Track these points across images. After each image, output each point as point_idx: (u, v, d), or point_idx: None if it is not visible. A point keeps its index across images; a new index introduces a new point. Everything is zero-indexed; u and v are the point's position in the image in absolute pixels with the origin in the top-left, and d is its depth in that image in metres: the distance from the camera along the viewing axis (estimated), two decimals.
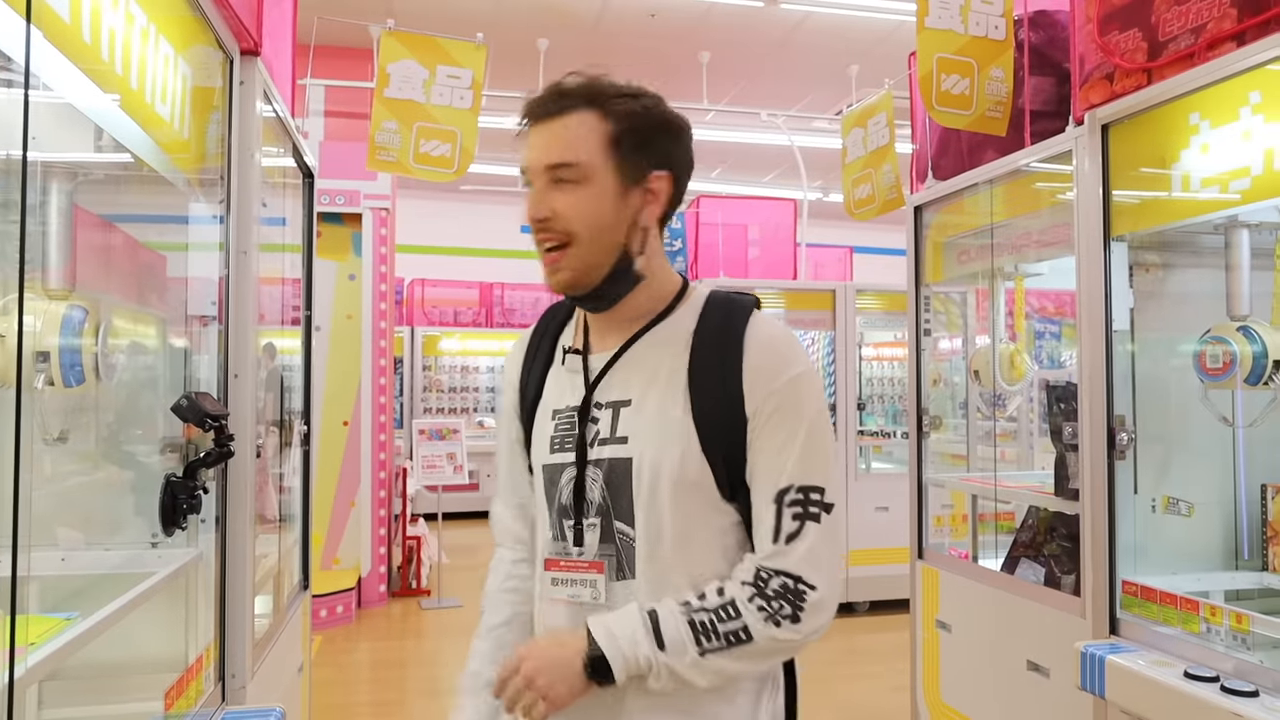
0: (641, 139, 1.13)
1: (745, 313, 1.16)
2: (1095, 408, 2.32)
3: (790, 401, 1.11)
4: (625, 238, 1.13)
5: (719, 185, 10.88)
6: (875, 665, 4.72)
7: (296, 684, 2.54)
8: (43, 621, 1.21)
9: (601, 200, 1.11)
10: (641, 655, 1.06)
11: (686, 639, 1.06)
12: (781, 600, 1.07)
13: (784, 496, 1.09)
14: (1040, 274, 3.13)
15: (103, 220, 2.09)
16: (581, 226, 1.11)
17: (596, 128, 1.11)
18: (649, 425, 1.13)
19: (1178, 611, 2.09)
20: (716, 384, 1.11)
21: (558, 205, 1.11)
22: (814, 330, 6.32)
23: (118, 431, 1.94)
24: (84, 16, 1.16)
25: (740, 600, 1.08)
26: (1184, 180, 2.08)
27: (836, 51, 6.72)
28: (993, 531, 3.19)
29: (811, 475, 1.10)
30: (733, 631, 1.07)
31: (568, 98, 1.12)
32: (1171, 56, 2.11)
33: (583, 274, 1.13)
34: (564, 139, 1.11)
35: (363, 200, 5.95)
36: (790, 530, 1.08)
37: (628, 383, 1.16)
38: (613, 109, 1.12)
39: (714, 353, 1.13)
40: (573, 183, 1.10)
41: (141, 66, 1.38)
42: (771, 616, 1.07)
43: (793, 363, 1.12)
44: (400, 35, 2.91)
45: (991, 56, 2.67)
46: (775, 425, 1.10)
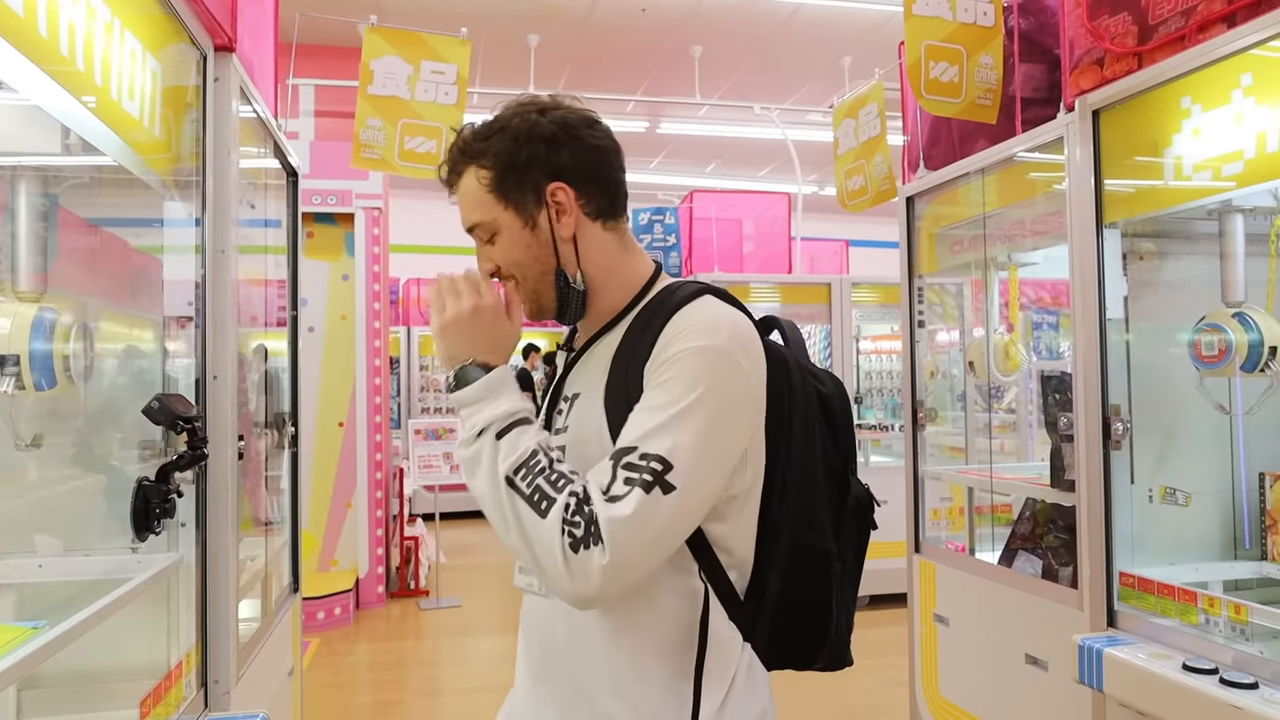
0: (517, 170, 1.12)
1: (686, 296, 1.10)
2: (1090, 398, 2.29)
3: (680, 370, 1.01)
4: (554, 260, 1.15)
5: (714, 180, 10.85)
6: (875, 659, 4.69)
7: (287, 687, 2.51)
8: (7, 631, 1.18)
9: (516, 241, 1.14)
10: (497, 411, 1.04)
11: (514, 454, 1.01)
12: (577, 527, 0.95)
13: (624, 456, 0.98)
14: (1035, 263, 3.10)
15: (87, 223, 2.07)
16: (514, 269, 1.16)
17: (480, 181, 1.14)
18: (579, 420, 1.13)
19: (1175, 603, 2.07)
20: (629, 365, 1.08)
21: (493, 255, 1.16)
22: (810, 324, 6.29)
23: (98, 435, 1.91)
24: (39, 10, 1.13)
25: (560, 488, 0.98)
26: (1176, 165, 2.05)
27: (829, 43, 6.69)
28: (991, 524, 3.16)
29: (663, 447, 0.97)
30: (543, 493, 0.98)
31: (453, 164, 1.18)
32: (1162, 40, 2.08)
33: (536, 303, 1.17)
34: (464, 203, 1.16)
35: (355, 200, 5.92)
36: (620, 491, 0.96)
37: (582, 376, 1.18)
38: (487, 155, 1.13)
39: (639, 334, 1.09)
40: (492, 234, 1.15)
41: (106, 62, 1.35)
42: (566, 525, 0.95)
43: (702, 336, 1.03)
44: (383, 31, 2.88)
45: (981, 43, 2.64)
46: (655, 389, 1.02)
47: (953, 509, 3.35)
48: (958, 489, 3.37)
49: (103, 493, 1.81)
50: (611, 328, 1.17)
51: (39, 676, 1.84)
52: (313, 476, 5.94)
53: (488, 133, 1.14)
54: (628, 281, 1.18)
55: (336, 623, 5.55)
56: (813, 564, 1.12)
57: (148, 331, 1.97)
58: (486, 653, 5.19)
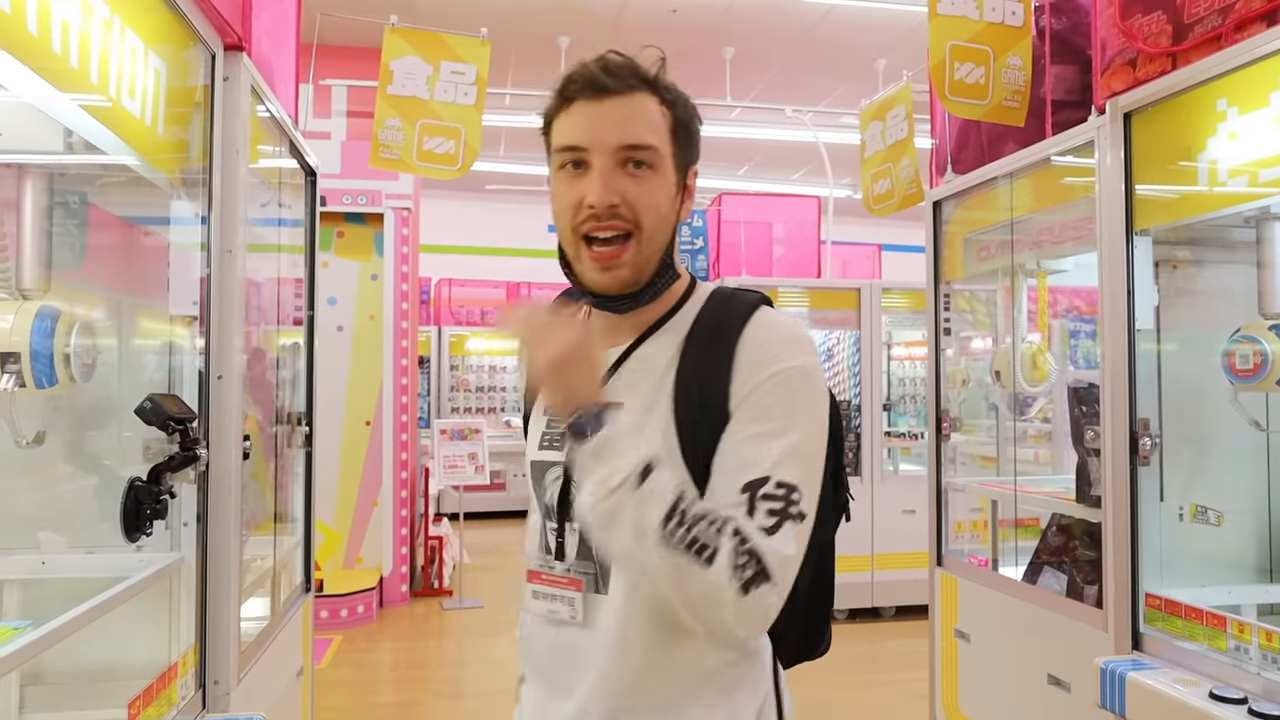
0: (689, 131, 1.07)
1: (748, 307, 1.06)
2: (1117, 411, 2.20)
3: (778, 393, 0.98)
4: (673, 234, 1.07)
5: (747, 183, 10.77)
6: (899, 672, 4.61)
7: (296, 688, 2.51)
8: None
9: (668, 191, 1.04)
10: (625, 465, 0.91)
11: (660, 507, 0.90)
12: (746, 569, 0.90)
13: (759, 487, 0.94)
14: (1065, 270, 3.01)
15: (123, 220, 2.08)
16: (650, 218, 1.02)
17: (661, 113, 1.03)
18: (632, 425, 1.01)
19: (1204, 627, 1.98)
20: (703, 382, 1.01)
21: (629, 190, 1.01)
22: (839, 330, 6.20)
23: (104, 433, 1.92)
24: (29, 7, 1.12)
25: (725, 533, 0.91)
26: (1211, 170, 1.96)
27: (863, 45, 6.59)
28: (1014, 538, 3.07)
29: (794, 475, 0.95)
30: (698, 543, 0.90)
31: (629, 75, 1.02)
32: (1198, 39, 1.99)
33: (641, 270, 1.04)
34: (638, 118, 1.01)
35: (384, 200, 5.96)
36: (765, 523, 0.93)
37: (621, 384, 1.07)
38: (669, 96, 1.05)
39: (706, 350, 1.03)
40: (648, 168, 1.02)
41: (103, 61, 1.34)
42: (735, 569, 0.90)
43: (790, 356, 1.01)
44: (404, 31, 2.87)
45: (1009, 44, 2.56)
46: (756, 414, 0.98)
47: (977, 522, 3.26)
48: (987, 500, 3.28)
49: (105, 490, 1.81)
50: (652, 333, 1.09)
51: (42, 672, 1.85)
52: (339, 474, 5.98)
53: (662, 78, 1.05)
54: (676, 285, 1.12)
55: (360, 620, 5.58)
56: (827, 560, 1.16)
57: (181, 328, 1.97)
58: (508, 655, 5.17)
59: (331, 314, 6.02)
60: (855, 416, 5.71)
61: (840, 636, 5.39)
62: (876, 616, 5.66)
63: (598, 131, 1.01)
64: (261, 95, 2.07)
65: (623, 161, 1.01)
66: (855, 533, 5.54)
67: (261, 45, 2.31)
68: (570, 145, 1.02)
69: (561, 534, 1.08)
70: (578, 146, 1.02)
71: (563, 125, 1.04)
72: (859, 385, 5.78)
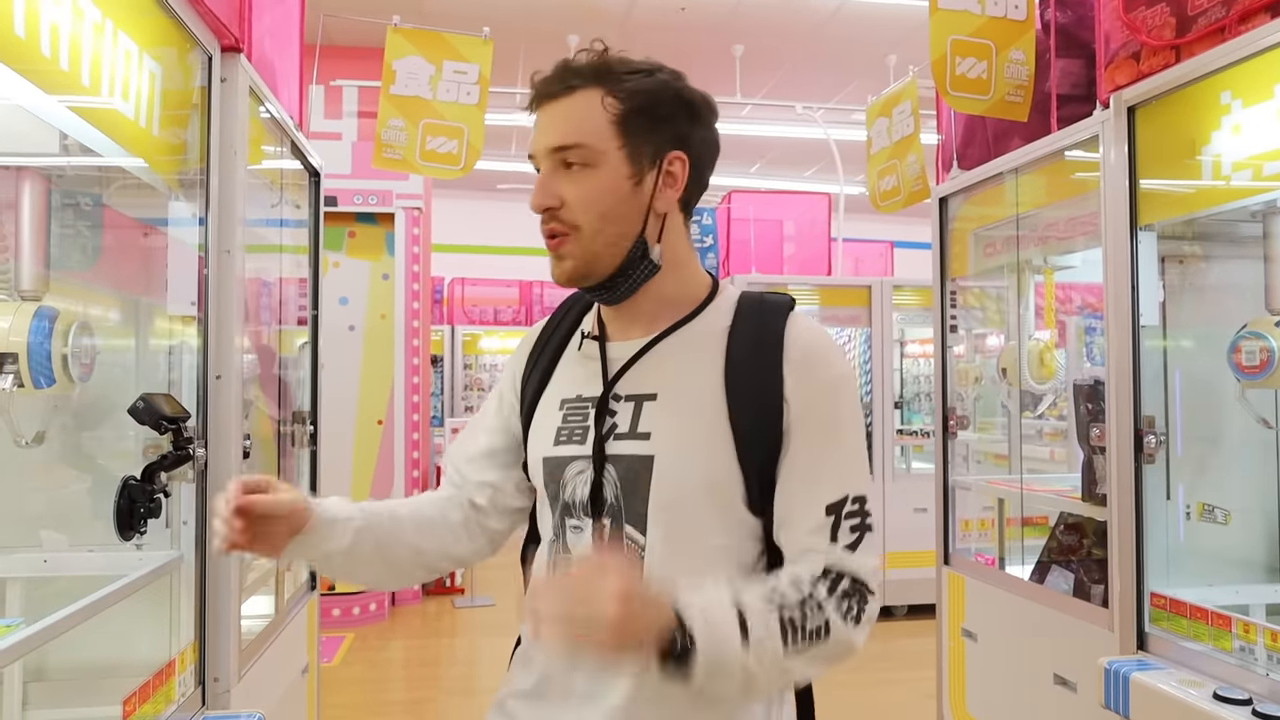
0: (654, 118, 1.04)
1: (783, 312, 1.08)
2: (1122, 408, 2.18)
3: (834, 404, 1.03)
4: (641, 225, 1.05)
5: (758, 181, 10.74)
6: (909, 671, 4.58)
7: (301, 685, 2.52)
8: None
9: (611, 186, 1.03)
10: (729, 653, 0.89)
11: (774, 637, 0.92)
12: (851, 600, 0.97)
13: (841, 507, 1.00)
14: (1073, 266, 2.98)
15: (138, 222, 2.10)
16: (587, 216, 1.02)
17: (605, 106, 1.03)
18: (677, 422, 1.03)
19: (1209, 627, 1.96)
20: (755, 385, 1.02)
21: (564, 191, 1.03)
22: (850, 327, 6.17)
23: (112, 433, 1.94)
24: (16, 11, 1.14)
25: (821, 595, 0.96)
26: (1215, 164, 1.94)
27: (874, 41, 6.56)
28: (1021, 537, 3.04)
29: (863, 485, 1.03)
30: (816, 629, 0.94)
31: (575, 76, 1.04)
32: (1201, 32, 1.96)
33: (588, 264, 1.05)
34: (570, 119, 1.03)
35: (395, 200, 5.98)
36: (849, 540, 1.00)
37: (653, 376, 1.07)
38: (622, 86, 1.03)
39: (752, 352, 1.04)
40: (581, 166, 1.03)
41: (95, 64, 1.35)
42: (846, 614, 0.96)
43: (835, 363, 1.06)
44: (406, 31, 2.88)
45: (1011, 38, 2.53)
46: (821, 428, 1.02)
47: (987, 521, 3.24)
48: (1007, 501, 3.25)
49: (107, 489, 1.82)
50: (678, 328, 1.09)
51: (45, 669, 1.87)
52: (352, 473, 6.01)
53: (629, 66, 1.05)
54: (694, 279, 1.12)
55: (371, 618, 5.61)
56: None
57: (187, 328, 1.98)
58: None
59: (343, 313, 6.05)
60: (867, 415, 5.68)
61: None
62: (889, 615, 5.64)
63: (539, 137, 1.05)
64: (261, 96, 2.08)
65: (558, 163, 1.04)
66: None
67: (264, 46, 2.32)
68: (529, 154, 1.09)
69: (595, 524, 1.05)
70: (531, 155, 1.08)
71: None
72: (870, 383, 5.75)
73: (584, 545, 1.06)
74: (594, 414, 1.07)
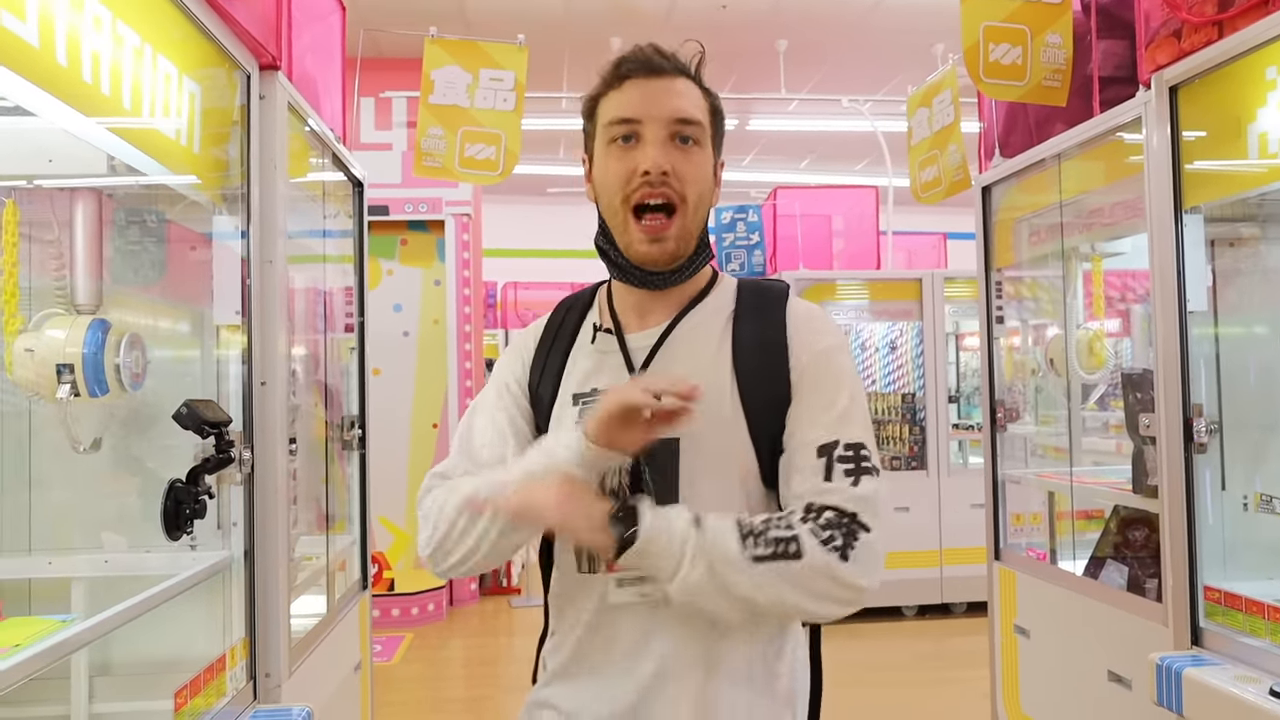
0: (722, 121, 1.16)
1: (782, 292, 1.16)
2: (1170, 397, 2.12)
3: (832, 366, 1.09)
4: (708, 215, 1.15)
5: (808, 176, 10.65)
6: (966, 670, 4.50)
7: (354, 682, 2.60)
8: (36, 623, 1.26)
9: (709, 168, 1.11)
10: (677, 529, 0.97)
11: (730, 534, 0.97)
12: (833, 530, 0.98)
13: (832, 450, 1.03)
14: (1122, 253, 2.90)
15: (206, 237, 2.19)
16: (694, 191, 1.08)
17: (703, 100, 1.12)
18: (696, 407, 1.04)
19: (1265, 621, 1.89)
20: (762, 363, 1.09)
21: (677, 163, 1.07)
22: (901, 321, 6.08)
23: (161, 438, 2.02)
24: (58, 41, 1.20)
25: (793, 519, 0.99)
26: (1261, 142, 1.87)
27: (919, 30, 6.45)
28: (1072, 531, 2.97)
29: (858, 435, 1.05)
30: (782, 539, 0.96)
31: (675, 62, 1.11)
32: (1243, 6, 1.90)
33: (684, 243, 1.10)
34: (691, 98, 1.09)
35: (445, 207, 6.09)
36: (844, 480, 1.02)
37: (669, 362, 1.12)
38: (705, 86, 1.13)
39: (756, 331, 1.11)
40: (694, 143, 1.09)
41: (136, 87, 1.42)
42: (827, 541, 0.97)
43: (832, 333, 1.13)
44: (443, 42, 2.95)
45: (1047, 21, 2.48)
46: (817, 385, 1.08)
47: (1037, 515, 3.17)
48: (1062, 495, 3.17)
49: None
50: (687, 312, 1.14)
51: (110, 664, 1.97)
52: (408, 477, 6.14)
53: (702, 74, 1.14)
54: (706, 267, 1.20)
55: (430, 618, 5.73)
56: None
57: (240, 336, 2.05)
58: None
59: (397, 320, 6.19)
60: (920, 410, 5.59)
61: (908, 633, 5.30)
62: (947, 613, 5.54)
63: (652, 105, 1.07)
64: (301, 112, 2.15)
65: (673, 135, 1.07)
66: (922, 528, 5.42)
67: (304, 63, 2.40)
68: (624, 118, 1.08)
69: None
70: (631, 119, 1.08)
71: (613, 102, 1.10)
72: (923, 377, 5.66)
73: None
74: None
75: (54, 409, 1.61)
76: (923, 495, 5.44)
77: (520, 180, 2.75)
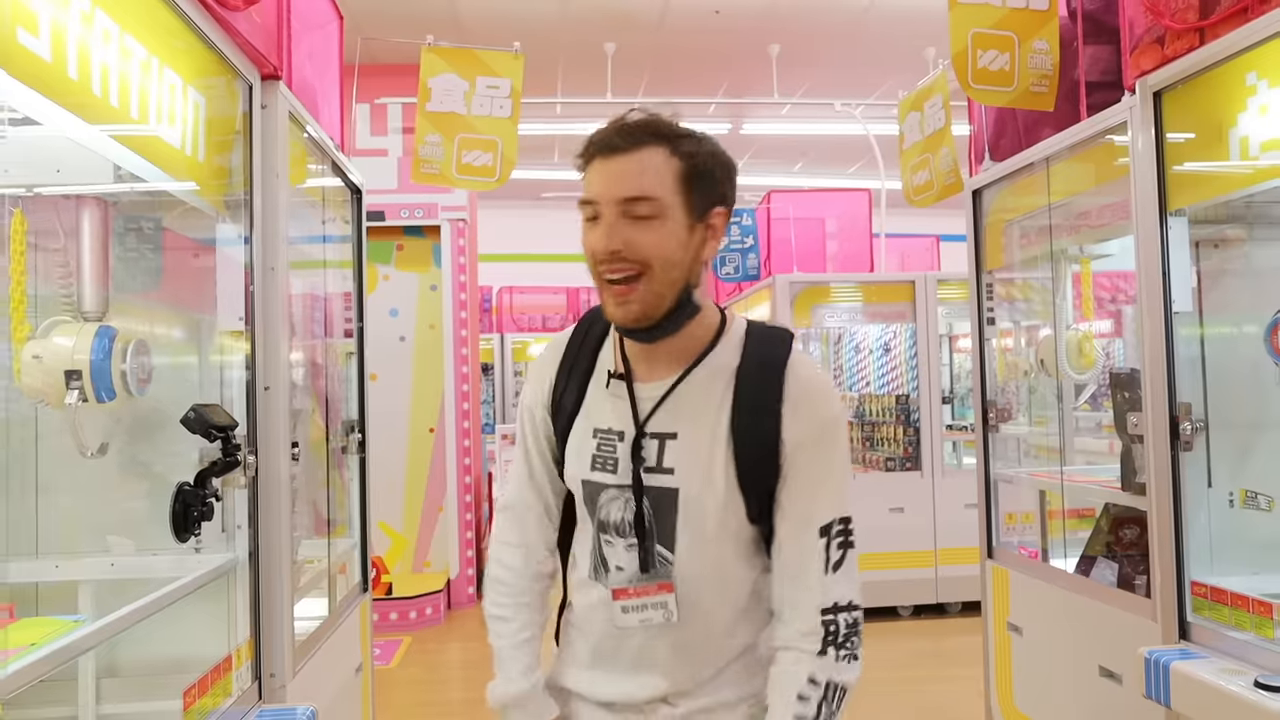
0: (706, 177, 1.17)
1: (785, 349, 1.23)
2: (1157, 396, 2.16)
3: (827, 440, 1.20)
4: (689, 272, 1.18)
5: (801, 179, 10.70)
6: (962, 668, 4.53)
7: (355, 684, 2.62)
8: (50, 623, 1.29)
9: (674, 235, 1.15)
10: None
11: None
12: (852, 637, 1.18)
13: (830, 529, 1.19)
14: (1110, 255, 2.95)
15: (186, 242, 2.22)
16: (655, 259, 1.14)
17: (669, 164, 1.14)
18: (695, 460, 1.20)
19: (1250, 615, 1.93)
20: (757, 422, 1.19)
21: (632, 238, 1.13)
22: (895, 323, 6.12)
23: (166, 443, 2.05)
24: (69, 55, 1.23)
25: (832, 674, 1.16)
26: (1243, 145, 1.92)
27: (910, 34, 6.50)
28: (1063, 529, 3.01)
29: (847, 507, 1.21)
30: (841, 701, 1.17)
31: (639, 133, 1.15)
32: (1224, 13, 1.95)
33: (652, 307, 1.16)
34: (639, 173, 1.13)
35: (440, 212, 6.11)
36: (836, 559, 1.19)
37: (674, 416, 1.22)
38: (680, 147, 1.15)
39: (756, 390, 1.20)
40: (647, 218, 1.13)
41: (143, 98, 1.46)
42: (852, 656, 1.18)
43: (830, 403, 1.22)
44: (440, 50, 2.98)
45: (1034, 28, 2.52)
46: (812, 461, 1.19)
47: (1029, 514, 3.20)
48: (1054, 494, 3.21)
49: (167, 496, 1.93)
50: (698, 364, 1.23)
51: (117, 665, 1.99)
52: (405, 481, 6.16)
53: (681, 130, 1.18)
54: (710, 316, 1.25)
55: (428, 622, 5.74)
56: None
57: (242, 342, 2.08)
58: None
59: (394, 325, 6.21)
60: (914, 411, 5.63)
61: (905, 633, 5.34)
62: (942, 613, 5.58)
63: (606, 187, 1.15)
64: (301, 120, 2.18)
65: (626, 213, 1.13)
66: (917, 528, 5.47)
67: (304, 72, 2.43)
68: (586, 199, 1.17)
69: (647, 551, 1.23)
70: (591, 200, 1.17)
71: (584, 182, 1.19)
72: (916, 379, 5.70)
73: (618, 557, 1.25)
74: (629, 450, 1.23)
75: (61, 415, 1.63)
76: (917, 496, 5.48)
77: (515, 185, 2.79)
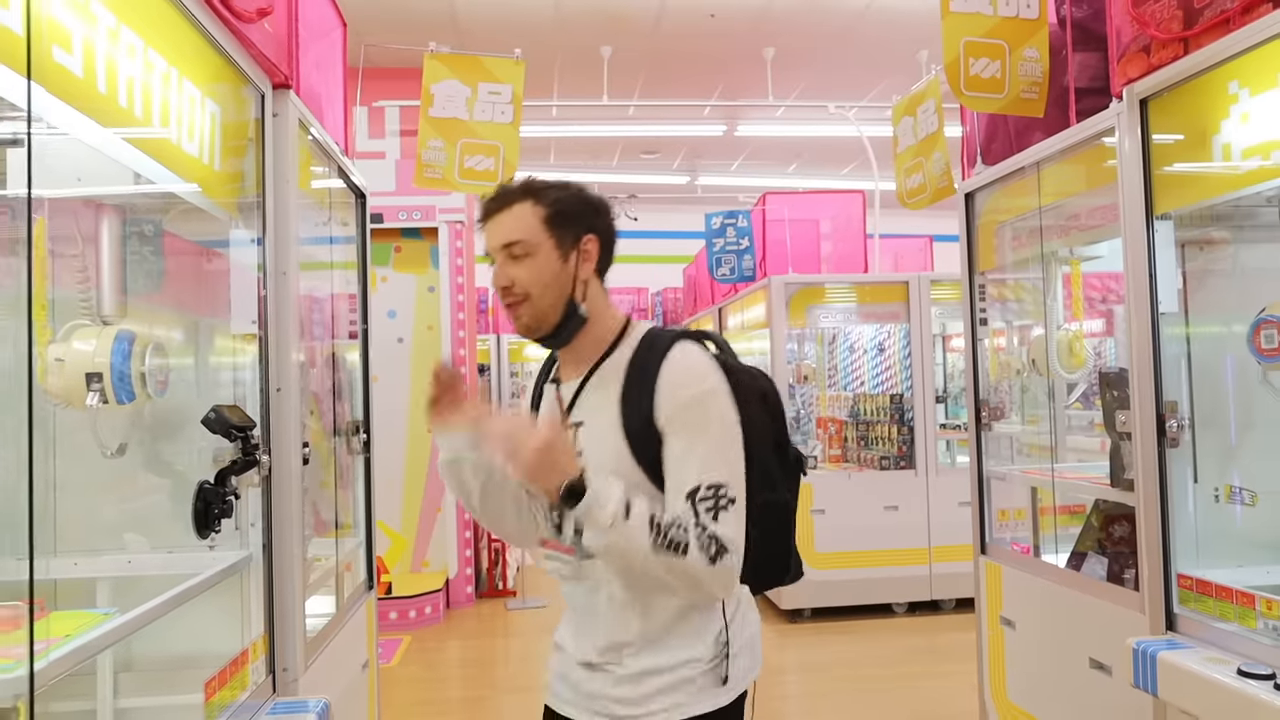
0: (568, 215, 1.46)
1: (667, 344, 1.43)
2: (1144, 394, 2.22)
3: (694, 413, 1.36)
4: (570, 290, 1.45)
5: (796, 180, 10.77)
6: (956, 664, 4.60)
7: (362, 680, 2.67)
8: (82, 616, 1.34)
9: (547, 265, 1.43)
10: (606, 514, 1.27)
11: (644, 528, 1.29)
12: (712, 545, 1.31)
13: (695, 494, 1.34)
14: (1099, 256, 3.01)
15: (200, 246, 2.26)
16: (532, 287, 1.43)
17: (534, 212, 1.44)
18: (595, 442, 1.44)
19: (1234, 606, 1.99)
20: (638, 403, 1.40)
21: (513, 273, 1.43)
22: (889, 324, 6.19)
23: (181, 443, 2.10)
24: (98, 70, 1.28)
25: (688, 524, 1.31)
26: (1225, 152, 1.98)
27: (903, 38, 6.58)
28: (1055, 525, 3.08)
29: (719, 474, 1.34)
30: (675, 542, 1.29)
31: (510, 195, 1.46)
32: (1207, 24, 2.01)
33: (538, 320, 1.45)
34: (510, 224, 1.44)
35: (438, 215, 6.16)
36: (710, 517, 1.33)
37: (582, 409, 1.48)
38: (544, 197, 1.45)
39: (638, 378, 1.42)
40: (522, 256, 1.42)
41: (165, 110, 1.50)
42: (704, 548, 1.30)
43: (697, 381, 1.39)
44: (442, 57, 3.03)
45: (1024, 36, 2.59)
46: (679, 433, 1.36)
47: (1021, 511, 3.27)
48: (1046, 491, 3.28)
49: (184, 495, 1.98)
50: (599, 365, 1.48)
51: (133, 660, 2.04)
52: (404, 482, 6.21)
53: (548, 185, 1.47)
54: (609, 324, 1.51)
55: (427, 621, 5.79)
56: (777, 516, 1.52)
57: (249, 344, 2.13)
58: None
59: (392, 326, 6.25)
60: (908, 410, 5.70)
61: (899, 629, 5.41)
62: (936, 609, 5.65)
63: (490, 239, 1.47)
64: (308, 126, 2.23)
65: (508, 255, 1.44)
66: (911, 526, 5.54)
67: (310, 79, 2.48)
68: (485, 251, 1.50)
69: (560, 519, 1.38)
70: (488, 251, 1.48)
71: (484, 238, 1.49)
72: (910, 379, 5.77)
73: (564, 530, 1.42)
74: None
75: (82, 415, 1.68)
76: (911, 494, 5.55)
77: None
